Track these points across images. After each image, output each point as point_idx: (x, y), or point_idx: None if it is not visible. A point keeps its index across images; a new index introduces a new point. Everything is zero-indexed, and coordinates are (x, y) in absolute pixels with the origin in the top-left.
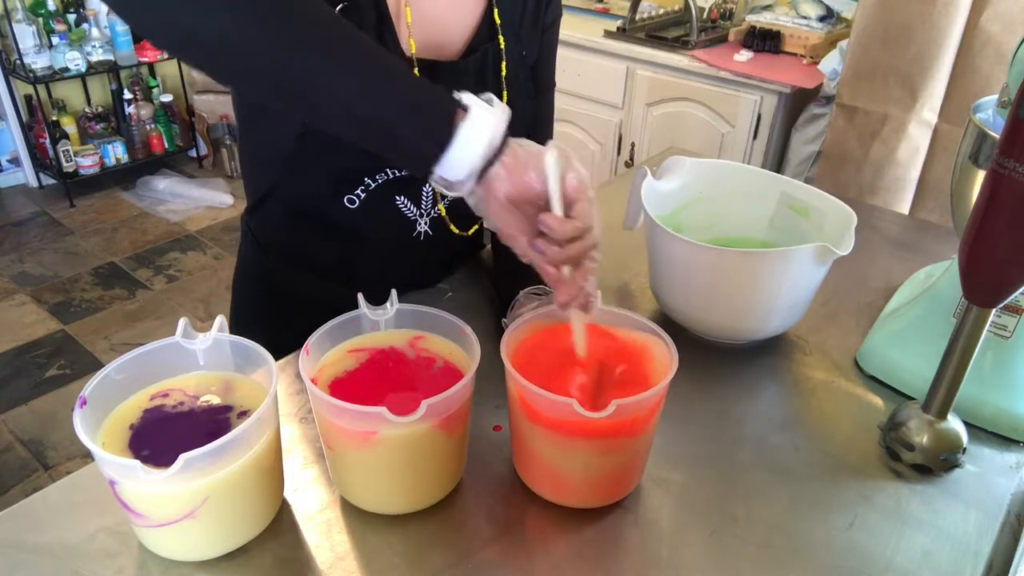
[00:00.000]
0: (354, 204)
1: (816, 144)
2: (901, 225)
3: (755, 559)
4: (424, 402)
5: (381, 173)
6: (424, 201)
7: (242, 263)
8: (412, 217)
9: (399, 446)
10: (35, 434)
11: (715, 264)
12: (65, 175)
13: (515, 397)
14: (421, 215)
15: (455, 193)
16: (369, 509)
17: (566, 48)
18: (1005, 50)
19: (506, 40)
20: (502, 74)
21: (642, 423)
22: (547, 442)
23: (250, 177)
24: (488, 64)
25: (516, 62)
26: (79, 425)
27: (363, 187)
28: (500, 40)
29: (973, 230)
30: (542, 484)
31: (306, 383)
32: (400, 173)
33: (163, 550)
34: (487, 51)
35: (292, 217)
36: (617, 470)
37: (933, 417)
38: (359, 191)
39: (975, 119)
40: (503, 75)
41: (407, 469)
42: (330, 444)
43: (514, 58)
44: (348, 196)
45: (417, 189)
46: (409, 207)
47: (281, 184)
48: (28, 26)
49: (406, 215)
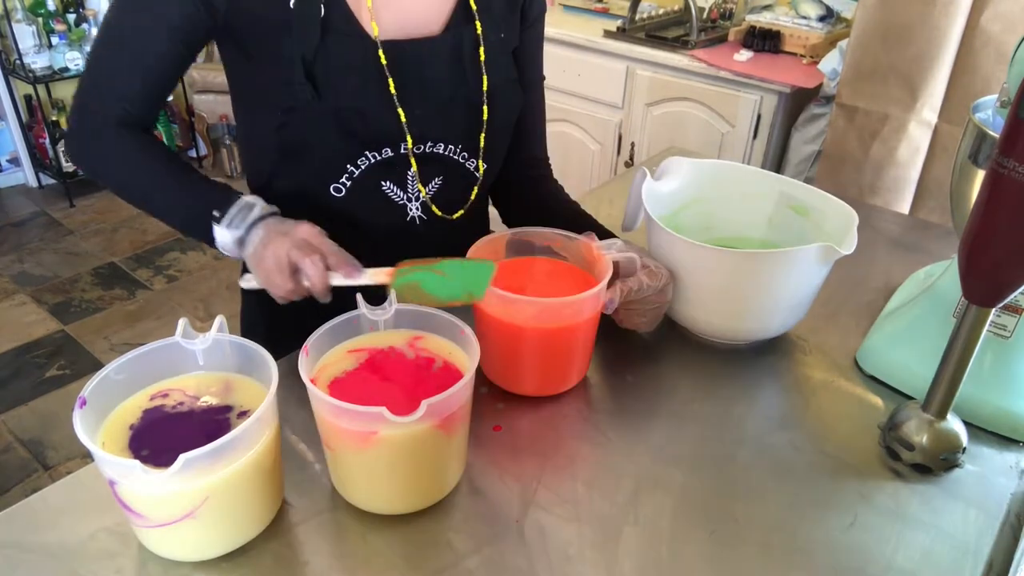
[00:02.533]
0: (341, 192)
1: (816, 144)
2: (901, 225)
3: (755, 559)
4: (424, 402)
5: (361, 157)
6: (410, 185)
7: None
8: (401, 202)
9: (399, 446)
10: (35, 434)
11: (718, 265)
12: (65, 175)
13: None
14: (410, 199)
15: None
16: (369, 509)
17: (566, 48)
18: (1005, 50)
19: (483, 24)
20: (480, 58)
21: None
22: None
23: (248, 171)
24: (464, 46)
25: (495, 46)
26: (79, 425)
27: (347, 174)
28: (476, 25)
29: (973, 230)
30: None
31: (306, 383)
32: (381, 156)
33: (163, 550)
34: (462, 34)
35: (289, 209)
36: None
37: (933, 417)
38: (344, 179)
39: (975, 119)
40: (482, 60)
41: (407, 469)
42: (330, 444)
43: (492, 42)
44: (334, 185)
45: (401, 174)
46: (396, 191)
47: (275, 176)
48: (28, 26)
49: (394, 200)
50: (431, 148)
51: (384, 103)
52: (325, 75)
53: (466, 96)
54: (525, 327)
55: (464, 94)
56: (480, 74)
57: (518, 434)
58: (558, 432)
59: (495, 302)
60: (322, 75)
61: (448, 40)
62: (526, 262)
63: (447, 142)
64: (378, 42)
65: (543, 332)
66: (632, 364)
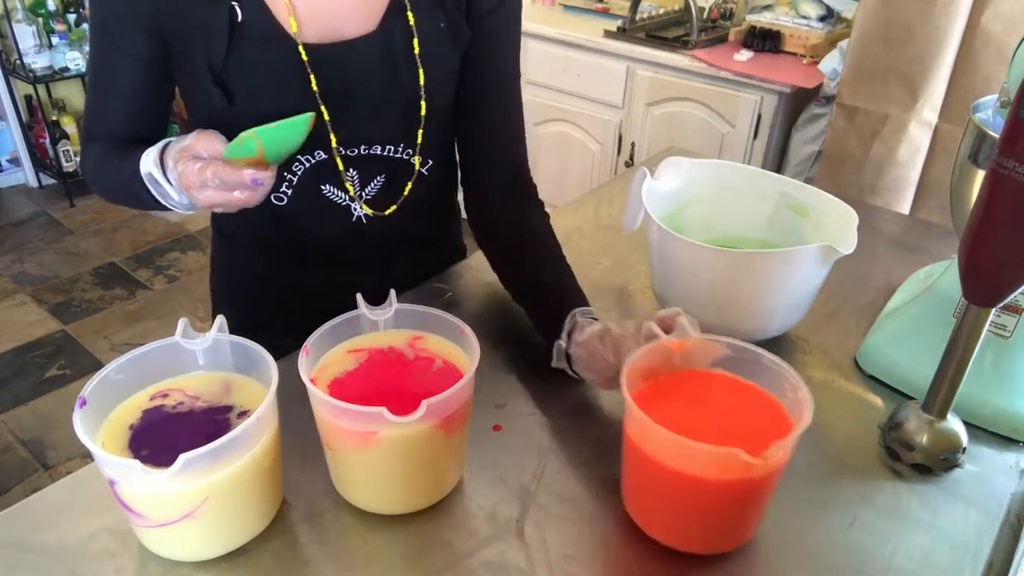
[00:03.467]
0: (283, 201)
1: (816, 144)
2: (901, 225)
3: (755, 559)
4: (424, 402)
5: (295, 163)
6: (352, 185)
7: (214, 256)
8: (344, 203)
9: (399, 446)
10: (35, 434)
11: (718, 265)
12: (65, 175)
13: None
14: (352, 200)
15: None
16: (369, 509)
17: (566, 48)
18: (1005, 50)
19: (416, 15)
20: (415, 51)
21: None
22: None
23: None
24: (396, 42)
25: (432, 36)
26: (79, 425)
27: (286, 182)
28: (409, 16)
29: (973, 230)
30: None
31: (306, 384)
32: (315, 159)
33: (163, 550)
34: (392, 30)
35: (238, 226)
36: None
37: (933, 417)
38: (284, 187)
39: (975, 119)
40: (416, 52)
41: (407, 469)
42: (330, 444)
43: (429, 32)
44: (275, 195)
45: (339, 175)
46: (337, 194)
47: None
48: (28, 26)
49: (337, 202)
50: (366, 150)
51: (306, 105)
52: (239, 79)
53: (401, 95)
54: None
55: (398, 93)
56: (416, 67)
57: (518, 434)
58: (558, 432)
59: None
60: (235, 79)
61: (378, 38)
62: (699, 378)
63: (384, 143)
64: (298, 42)
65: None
66: None
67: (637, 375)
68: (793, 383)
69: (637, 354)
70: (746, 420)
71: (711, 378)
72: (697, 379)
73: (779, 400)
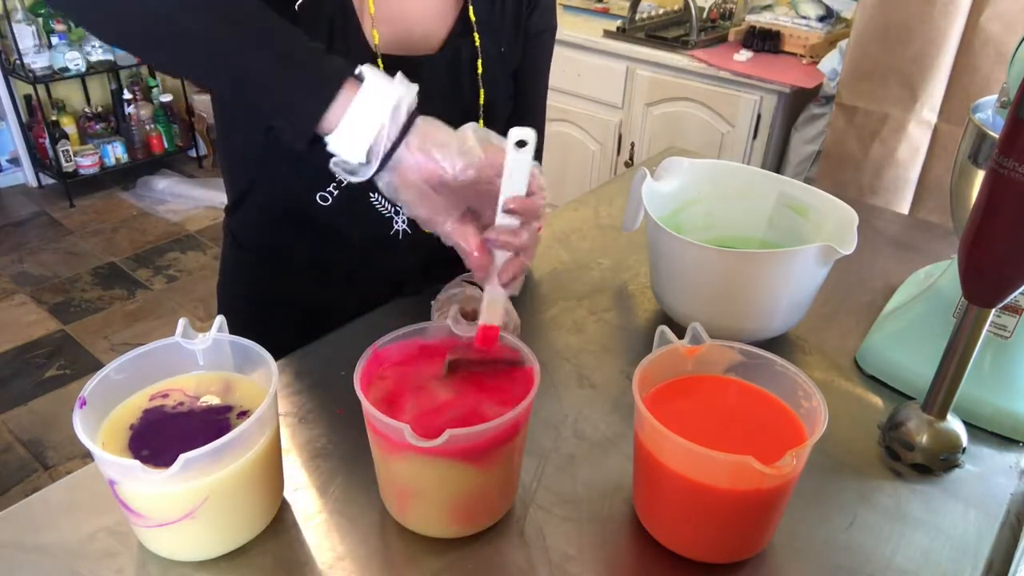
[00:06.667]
0: (327, 201)
1: (816, 144)
2: (901, 225)
3: (755, 559)
4: (447, 432)
5: None
6: None
7: (224, 266)
8: (387, 215)
9: (420, 469)
10: (35, 434)
11: (718, 265)
12: (65, 175)
13: None
14: (397, 212)
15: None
16: (398, 520)
17: (566, 48)
18: (1005, 50)
19: (482, 37)
20: (478, 72)
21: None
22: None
23: (229, 177)
24: (463, 61)
25: (494, 60)
26: (79, 425)
27: (335, 183)
28: (475, 37)
29: (973, 230)
30: None
31: (355, 385)
32: None
33: (163, 550)
34: (460, 48)
35: (270, 216)
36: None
37: (933, 417)
38: (331, 188)
39: (975, 119)
40: (479, 73)
41: (432, 494)
42: (371, 438)
43: (491, 56)
44: (321, 193)
45: None
46: (384, 204)
47: (257, 182)
48: (28, 26)
49: (381, 212)
50: None
51: None
52: None
53: (460, 115)
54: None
55: (460, 111)
56: (477, 88)
57: None
58: (558, 432)
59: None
60: None
61: (446, 57)
62: (713, 384)
63: None
64: (378, 53)
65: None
66: (632, 363)
67: (649, 379)
68: (807, 391)
69: (650, 358)
70: (759, 428)
71: (724, 384)
72: (710, 384)
73: (792, 408)
